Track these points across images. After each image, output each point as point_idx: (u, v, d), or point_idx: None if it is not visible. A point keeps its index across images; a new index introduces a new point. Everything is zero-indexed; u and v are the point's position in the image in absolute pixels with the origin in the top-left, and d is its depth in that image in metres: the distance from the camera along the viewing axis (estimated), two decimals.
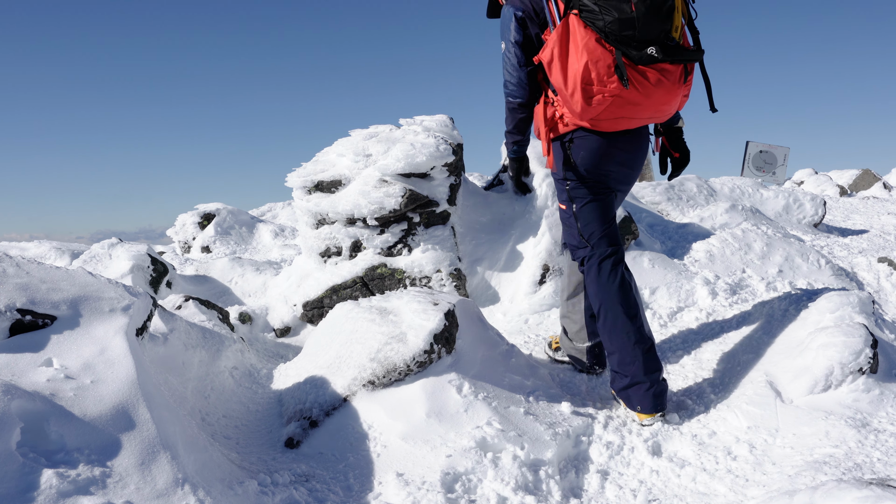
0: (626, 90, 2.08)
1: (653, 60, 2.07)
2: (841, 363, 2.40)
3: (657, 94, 2.13)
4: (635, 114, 2.19)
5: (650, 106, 2.17)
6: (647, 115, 2.22)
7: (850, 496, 1.50)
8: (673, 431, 2.35)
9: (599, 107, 2.14)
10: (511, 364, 2.51)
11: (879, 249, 4.53)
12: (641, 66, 2.08)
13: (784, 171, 9.59)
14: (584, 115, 2.18)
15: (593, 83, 2.09)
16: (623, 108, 2.16)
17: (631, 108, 2.15)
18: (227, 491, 1.80)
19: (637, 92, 2.10)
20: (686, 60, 2.12)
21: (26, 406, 1.60)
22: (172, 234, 7.13)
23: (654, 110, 2.20)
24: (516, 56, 2.28)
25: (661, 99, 2.15)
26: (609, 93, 2.09)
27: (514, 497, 1.96)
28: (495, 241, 3.67)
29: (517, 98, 2.36)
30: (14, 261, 2.05)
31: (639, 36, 2.05)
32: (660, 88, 2.12)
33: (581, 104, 2.14)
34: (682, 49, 2.12)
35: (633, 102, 2.13)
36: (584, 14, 2.07)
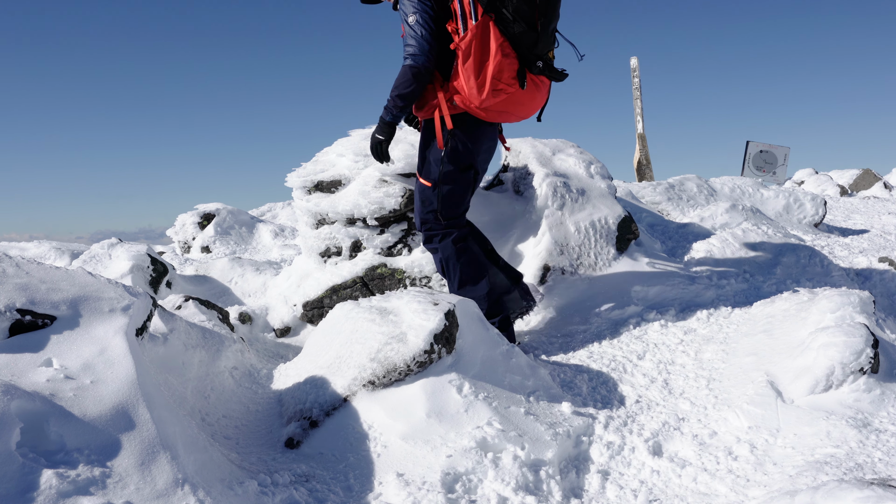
0: (522, 90, 2.54)
1: (540, 72, 2.57)
2: (842, 363, 2.40)
3: (537, 98, 2.64)
4: (517, 111, 2.64)
5: (529, 106, 2.65)
6: (524, 113, 2.68)
7: (852, 496, 1.50)
8: (674, 431, 2.34)
9: (498, 99, 2.53)
10: (511, 364, 2.51)
11: (880, 249, 4.53)
12: (532, 74, 2.55)
13: (784, 171, 9.59)
14: (484, 103, 2.53)
15: (501, 80, 2.48)
16: (512, 105, 2.59)
17: (517, 105, 2.59)
18: (227, 491, 1.80)
19: (526, 94, 2.57)
20: (556, 79, 2.66)
21: (26, 406, 1.59)
22: (172, 234, 7.13)
23: (528, 110, 2.68)
24: (431, 29, 2.49)
25: (536, 103, 2.66)
26: (509, 89, 2.51)
27: (514, 497, 1.96)
28: (495, 240, 3.67)
29: (426, 65, 2.52)
30: (14, 261, 2.04)
31: (536, 49, 2.52)
32: (538, 94, 2.63)
33: (487, 93, 2.50)
34: (557, 70, 2.65)
35: (520, 102, 2.58)
36: (498, 20, 2.45)
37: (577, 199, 3.71)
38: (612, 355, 2.90)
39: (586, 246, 3.54)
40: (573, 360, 2.88)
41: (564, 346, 3.03)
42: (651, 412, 2.47)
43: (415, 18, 2.50)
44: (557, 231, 3.55)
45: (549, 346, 3.03)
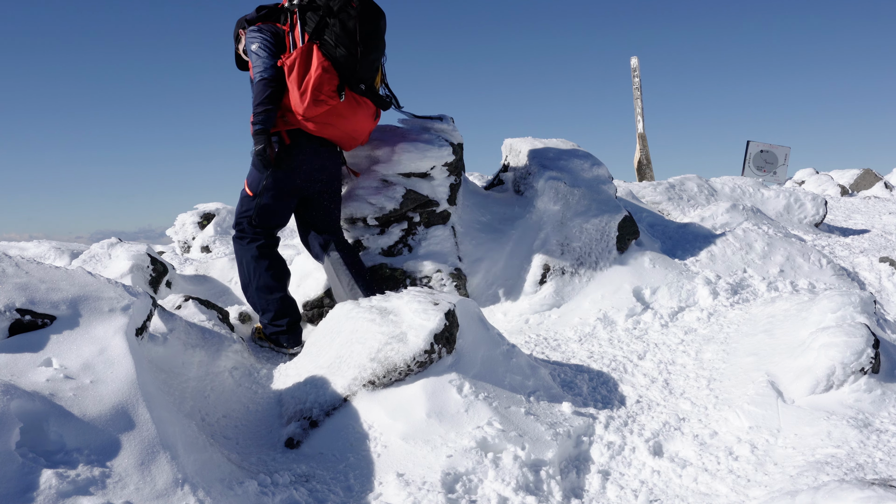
0: (343, 103, 2.90)
1: (361, 93, 2.96)
2: (843, 363, 2.39)
3: (359, 115, 3.01)
4: (339, 124, 2.98)
5: (352, 122, 3.01)
6: (348, 128, 3.02)
7: (853, 496, 1.50)
8: (674, 432, 2.34)
9: (319, 109, 2.86)
10: (512, 364, 2.50)
11: (881, 249, 4.53)
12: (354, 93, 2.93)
13: (785, 171, 9.58)
14: (307, 113, 2.86)
15: (322, 91, 2.83)
16: (334, 117, 2.93)
17: (340, 118, 2.95)
18: (227, 491, 1.80)
19: (347, 107, 2.93)
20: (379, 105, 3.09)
21: (26, 406, 1.59)
22: (172, 233, 7.13)
23: (352, 127, 3.04)
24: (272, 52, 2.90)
25: (359, 120, 3.03)
26: (330, 101, 2.87)
27: (514, 497, 1.96)
28: (495, 240, 3.67)
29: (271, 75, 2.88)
30: (13, 260, 2.04)
31: (358, 72, 2.91)
32: (360, 112, 3.00)
33: (308, 102, 2.82)
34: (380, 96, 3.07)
35: (342, 115, 2.95)
36: (323, 46, 2.86)
37: (578, 199, 3.71)
38: (613, 355, 2.90)
39: (587, 246, 3.54)
40: (573, 360, 2.88)
41: (564, 346, 3.02)
42: (651, 412, 2.47)
43: (257, 45, 2.91)
44: (558, 231, 3.54)
45: (550, 346, 3.03)
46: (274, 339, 3.07)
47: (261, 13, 3.01)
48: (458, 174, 3.64)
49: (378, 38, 2.98)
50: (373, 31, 2.94)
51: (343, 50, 2.86)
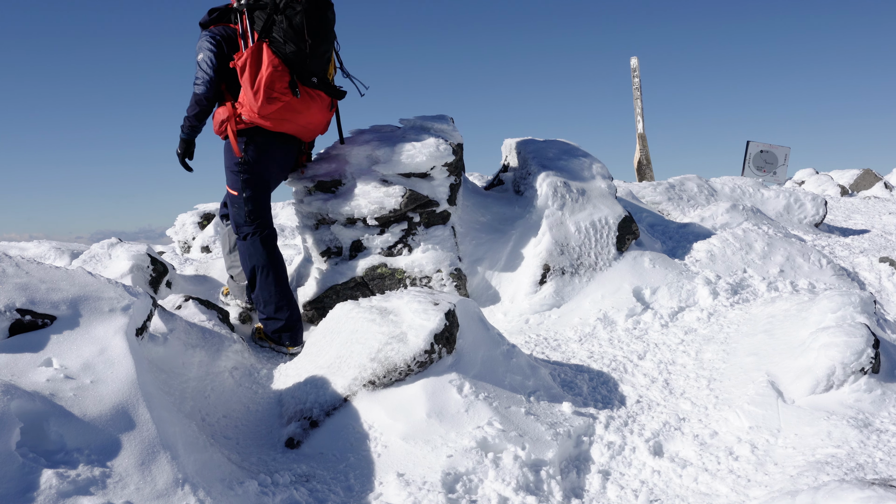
0: (296, 99, 2.98)
1: (314, 86, 3.03)
2: (843, 363, 2.39)
3: (313, 108, 3.08)
4: (295, 119, 3.05)
5: (307, 116, 3.08)
6: (304, 122, 3.10)
7: (853, 496, 1.50)
8: (674, 432, 2.34)
9: (273, 106, 2.94)
10: (512, 364, 2.50)
11: (881, 249, 4.53)
12: (306, 87, 3.01)
13: (785, 171, 9.58)
14: (262, 111, 2.94)
15: (274, 89, 2.91)
16: (289, 113, 3.01)
17: (294, 114, 3.02)
18: (228, 491, 1.80)
19: (301, 103, 3.01)
20: (332, 96, 3.14)
21: (26, 406, 1.59)
22: (172, 234, 7.12)
23: (308, 121, 3.11)
24: (214, 65, 2.99)
25: (314, 113, 3.11)
26: (283, 98, 2.95)
27: (515, 497, 1.96)
28: (495, 240, 3.67)
29: (206, 94, 3.01)
30: (14, 261, 2.04)
31: (309, 66, 2.98)
32: (314, 105, 3.08)
33: (262, 101, 2.91)
34: (334, 87, 3.14)
35: (296, 110, 3.02)
36: (272, 44, 2.92)
37: (578, 199, 3.71)
38: (613, 355, 2.90)
39: (587, 246, 3.54)
40: (573, 360, 2.88)
41: (564, 346, 3.02)
42: (652, 412, 2.47)
43: (202, 56, 3.00)
44: (558, 231, 3.54)
45: (550, 346, 3.03)
46: (275, 338, 3.09)
47: (213, 16, 3.08)
48: (458, 174, 3.65)
49: (326, 29, 3.03)
50: (320, 24, 3.00)
51: (292, 46, 2.92)
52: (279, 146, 3.12)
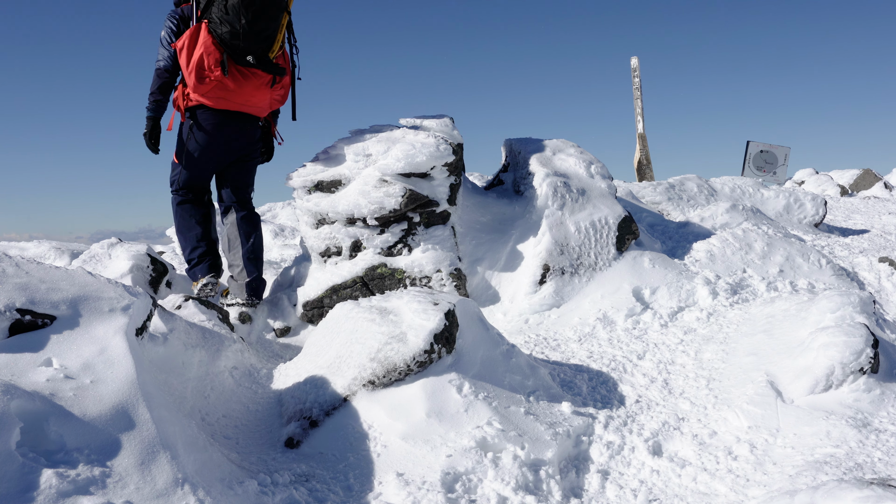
0: (226, 78, 3.10)
1: (248, 65, 3.12)
2: (842, 363, 2.40)
3: (247, 87, 3.18)
4: (231, 97, 3.19)
5: (242, 94, 3.19)
6: (240, 101, 3.22)
7: (852, 496, 1.50)
8: (673, 431, 2.34)
9: (207, 86, 3.12)
10: (511, 364, 2.51)
11: (880, 249, 4.53)
12: (240, 66, 3.12)
13: (785, 171, 9.58)
14: (197, 90, 3.15)
15: (205, 69, 3.08)
16: (223, 91, 3.16)
17: (228, 92, 3.16)
18: (227, 491, 1.80)
19: (232, 81, 3.13)
20: (271, 72, 3.19)
21: (26, 406, 1.59)
22: (172, 234, 7.12)
23: (243, 100, 3.23)
24: (170, 40, 3.20)
25: (249, 92, 3.20)
26: (214, 77, 3.10)
27: (514, 497, 1.96)
28: (495, 240, 3.67)
29: (165, 65, 3.22)
30: (13, 260, 2.04)
31: (242, 46, 3.07)
32: (248, 84, 3.17)
33: (194, 81, 3.11)
34: (272, 64, 3.18)
35: (229, 88, 3.15)
36: (210, 24, 3.06)
37: (578, 199, 3.71)
38: (612, 355, 2.90)
39: (586, 246, 3.54)
40: (573, 359, 2.88)
41: (564, 345, 3.03)
42: (651, 412, 2.47)
43: (162, 34, 3.21)
44: (557, 231, 3.55)
45: (549, 345, 3.03)
46: (192, 276, 3.47)
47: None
48: (458, 174, 3.65)
49: (264, 7, 3.08)
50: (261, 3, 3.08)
51: (227, 26, 3.05)
52: (224, 123, 3.27)
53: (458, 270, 3.41)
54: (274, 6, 3.10)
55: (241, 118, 3.30)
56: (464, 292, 3.40)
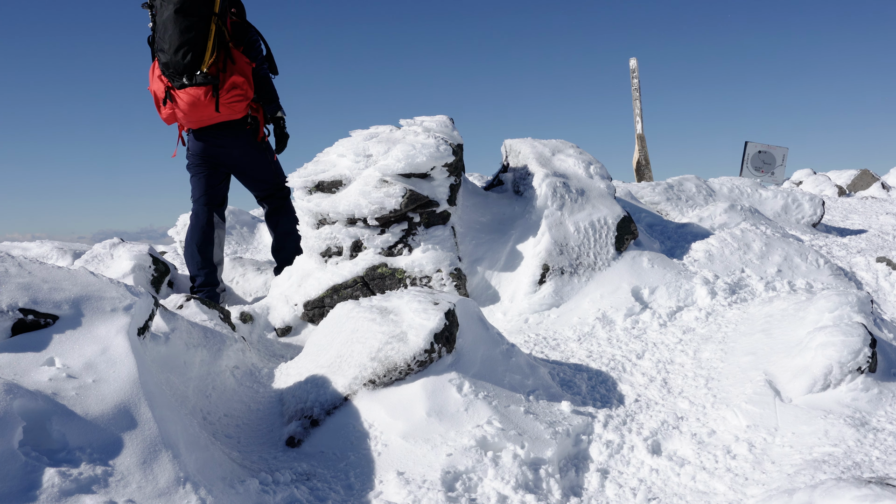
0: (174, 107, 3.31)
1: (184, 86, 3.27)
2: (840, 362, 2.41)
3: (190, 109, 3.31)
4: (186, 121, 3.41)
5: (191, 116, 3.36)
6: (194, 120, 3.39)
7: (850, 495, 1.51)
8: (672, 430, 2.35)
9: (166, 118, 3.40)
10: (511, 363, 2.52)
11: (878, 249, 4.54)
12: (180, 90, 3.28)
13: (783, 172, 9.61)
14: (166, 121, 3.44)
15: (158, 100, 3.35)
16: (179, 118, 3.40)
17: (181, 117, 3.37)
18: (229, 489, 1.81)
19: (178, 109, 3.32)
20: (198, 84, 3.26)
21: (28, 405, 1.60)
22: (174, 234, 7.11)
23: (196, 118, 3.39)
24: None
25: (194, 111, 3.33)
26: (165, 110, 3.35)
27: (514, 496, 1.97)
28: (495, 240, 3.68)
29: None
30: (16, 261, 2.05)
31: (172, 73, 3.24)
32: (184, 103, 3.30)
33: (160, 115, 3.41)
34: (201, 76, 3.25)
35: (179, 115, 3.36)
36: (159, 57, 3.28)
37: (577, 200, 3.72)
38: (612, 354, 2.91)
39: (585, 246, 3.55)
40: (572, 359, 2.89)
41: (563, 345, 3.04)
42: (650, 411, 2.48)
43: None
44: (557, 231, 3.56)
45: (549, 345, 3.04)
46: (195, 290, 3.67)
47: None
48: (458, 175, 3.66)
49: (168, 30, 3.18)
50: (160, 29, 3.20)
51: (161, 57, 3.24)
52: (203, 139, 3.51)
53: (458, 270, 3.42)
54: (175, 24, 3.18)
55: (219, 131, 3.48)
56: (464, 292, 3.41)
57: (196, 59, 3.21)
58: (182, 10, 3.14)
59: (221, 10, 3.29)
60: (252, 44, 3.47)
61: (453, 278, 3.38)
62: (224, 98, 3.33)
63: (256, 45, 3.48)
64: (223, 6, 3.31)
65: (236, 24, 3.45)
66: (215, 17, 3.25)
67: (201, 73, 3.24)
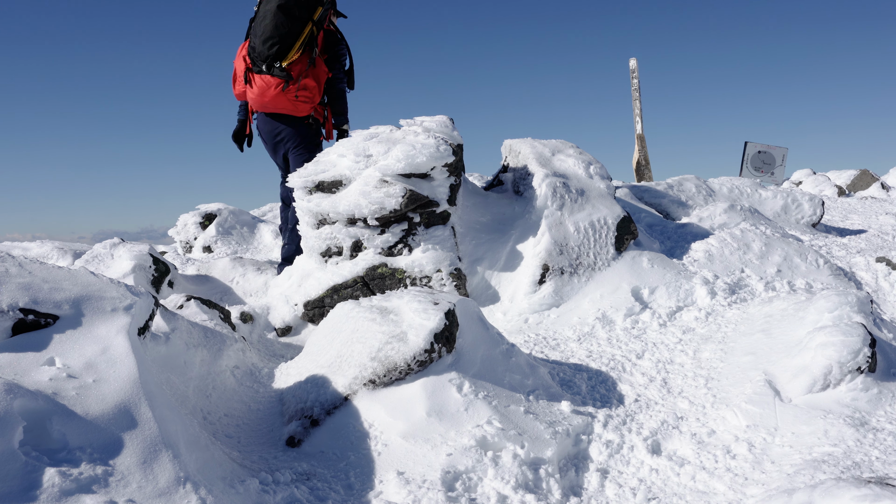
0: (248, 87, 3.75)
1: (259, 71, 3.68)
2: (839, 362, 2.41)
3: (259, 93, 3.72)
4: (253, 102, 3.80)
5: (258, 99, 3.76)
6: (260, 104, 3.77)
7: (849, 494, 1.51)
8: (672, 430, 2.36)
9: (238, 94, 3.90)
10: (511, 363, 2.52)
11: (877, 249, 4.54)
12: (257, 74, 3.69)
13: (782, 172, 9.61)
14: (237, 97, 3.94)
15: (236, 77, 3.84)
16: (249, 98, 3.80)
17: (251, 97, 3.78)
18: (229, 489, 1.81)
19: (251, 88, 3.74)
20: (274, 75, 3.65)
21: (29, 405, 1.60)
22: (174, 234, 7.12)
23: (261, 103, 3.77)
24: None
25: (262, 97, 3.73)
26: (239, 86, 3.86)
27: (514, 495, 1.97)
28: (495, 240, 3.68)
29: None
30: (17, 261, 2.05)
31: (255, 57, 3.68)
32: (256, 87, 3.72)
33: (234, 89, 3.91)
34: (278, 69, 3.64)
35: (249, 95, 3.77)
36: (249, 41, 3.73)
37: (577, 200, 3.72)
38: (611, 354, 2.92)
39: (585, 246, 3.56)
40: (572, 359, 2.89)
41: (563, 345, 3.04)
42: (650, 411, 2.48)
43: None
44: (557, 231, 3.56)
45: (549, 345, 3.04)
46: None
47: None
48: (458, 175, 3.66)
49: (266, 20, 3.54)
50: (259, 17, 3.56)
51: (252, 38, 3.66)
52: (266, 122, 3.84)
53: (458, 270, 3.42)
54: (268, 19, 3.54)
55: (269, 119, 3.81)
56: (464, 292, 3.41)
57: (280, 54, 3.55)
58: (284, 8, 3.49)
59: (320, 18, 3.64)
60: (338, 56, 3.78)
61: (453, 278, 3.38)
62: (290, 95, 3.65)
63: (342, 59, 3.79)
64: (323, 15, 3.65)
65: (330, 33, 3.76)
66: (312, 23, 3.59)
67: (280, 66, 3.58)
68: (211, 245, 6.56)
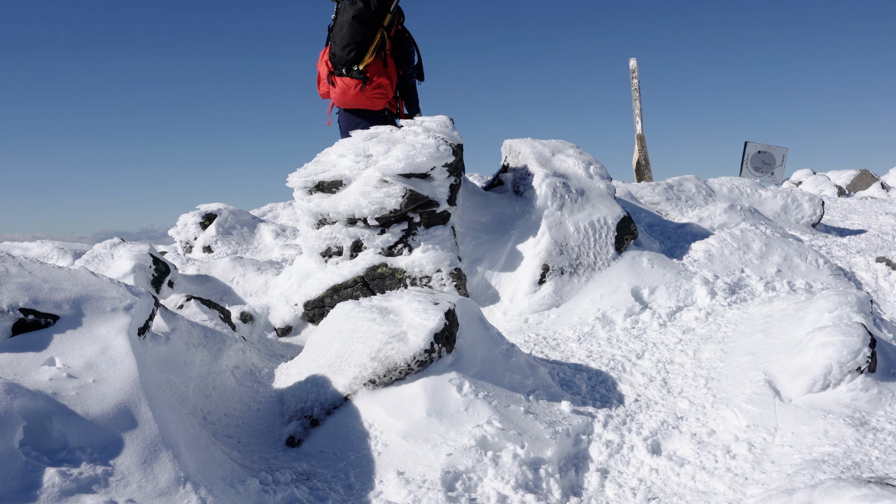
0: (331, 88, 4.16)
1: (340, 74, 4.08)
2: (839, 362, 2.41)
3: (338, 90, 4.14)
4: (336, 101, 4.23)
5: (340, 98, 4.18)
6: (342, 102, 4.20)
7: (849, 494, 1.51)
8: (672, 430, 2.36)
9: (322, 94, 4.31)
10: (511, 363, 2.52)
11: (877, 249, 4.54)
12: (338, 77, 4.10)
13: (782, 172, 9.61)
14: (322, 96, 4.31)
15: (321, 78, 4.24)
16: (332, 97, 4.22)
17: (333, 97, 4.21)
18: (229, 489, 1.81)
19: (333, 88, 4.15)
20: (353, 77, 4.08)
21: (29, 405, 1.60)
22: (174, 234, 7.12)
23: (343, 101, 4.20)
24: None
25: (343, 96, 4.14)
26: (323, 87, 4.27)
27: (514, 495, 1.97)
28: (495, 240, 3.68)
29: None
30: (17, 261, 2.05)
31: (336, 62, 4.09)
32: (338, 88, 4.13)
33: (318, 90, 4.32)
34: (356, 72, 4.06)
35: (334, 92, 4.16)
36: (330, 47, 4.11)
37: (577, 200, 3.72)
38: (611, 354, 2.92)
39: (585, 246, 3.56)
40: (572, 359, 2.89)
41: (563, 345, 3.04)
42: (650, 411, 2.48)
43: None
44: (557, 231, 3.56)
45: (549, 345, 3.04)
46: None
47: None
48: (458, 175, 3.66)
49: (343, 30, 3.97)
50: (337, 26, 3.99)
51: (332, 45, 4.07)
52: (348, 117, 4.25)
53: (458, 270, 3.42)
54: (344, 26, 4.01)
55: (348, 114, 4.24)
56: (464, 292, 3.41)
57: (356, 58, 4.02)
58: (358, 18, 3.97)
59: (389, 23, 4.08)
60: (406, 55, 4.19)
61: (453, 278, 3.38)
62: (368, 93, 4.08)
63: (410, 56, 4.20)
64: (391, 20, 4.09)
65: (399, 34, 4.17)
66: (382, 28, 4.02)
67: (357, 69, 4.04)
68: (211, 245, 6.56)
